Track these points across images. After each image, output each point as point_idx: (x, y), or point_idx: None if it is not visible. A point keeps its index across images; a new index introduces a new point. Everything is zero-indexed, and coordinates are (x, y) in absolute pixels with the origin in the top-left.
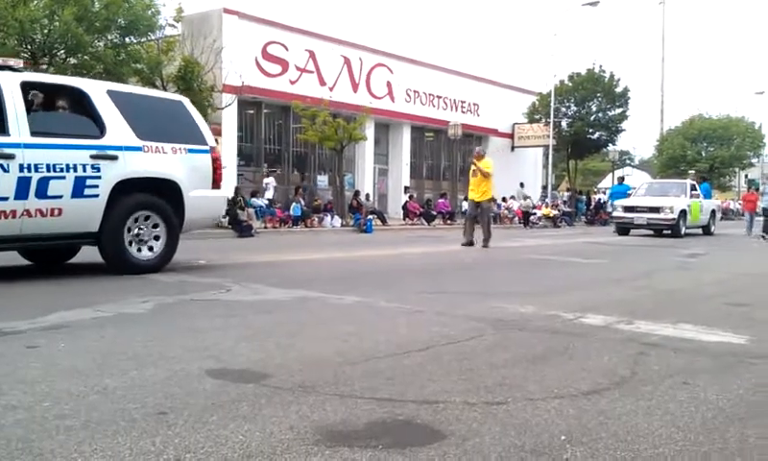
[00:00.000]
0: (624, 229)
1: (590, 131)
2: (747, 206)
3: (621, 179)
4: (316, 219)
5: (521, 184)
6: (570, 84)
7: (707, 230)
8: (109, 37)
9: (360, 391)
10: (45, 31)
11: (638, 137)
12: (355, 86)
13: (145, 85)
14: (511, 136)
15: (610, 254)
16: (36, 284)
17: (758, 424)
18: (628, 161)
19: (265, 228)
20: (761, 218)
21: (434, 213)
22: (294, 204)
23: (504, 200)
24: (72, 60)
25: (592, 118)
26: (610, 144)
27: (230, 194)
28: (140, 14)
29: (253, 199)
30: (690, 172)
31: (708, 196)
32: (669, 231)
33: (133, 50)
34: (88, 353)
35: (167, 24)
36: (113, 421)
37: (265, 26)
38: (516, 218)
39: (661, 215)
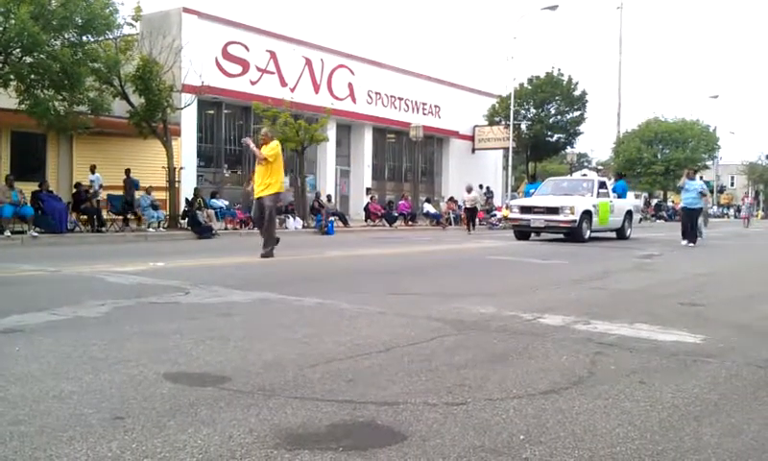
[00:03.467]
0: (522, 232)
1: (549, 133)
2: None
3: (533, 177)
4: (277, 221)
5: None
6: (530, 88)
7: (621, 234)
8: (66, 36)
9: (321, 393)
10: (0, 29)
11: (596, 140)
12: (317, 88)
13: (102, 85)
14: (471, 138)
15: (568, 255)
16: None
17: (713, 422)
18: (586, 164)
19: (225, 229)
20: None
21: (395, 215)
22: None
23: (452, 200)
24: (28, 60)
25: (551, 121)
26: (568, 147)
27: (190, 195)
28: (98, 13)
29: (213, 200)
30: (597, 168)
31: (623, 195)
32: (570, 235)
33: (91, 49)
34: (44, 358)
35: (125, 23)
36: (69, 426)
37: (225, 26)
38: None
39: (561, 217)
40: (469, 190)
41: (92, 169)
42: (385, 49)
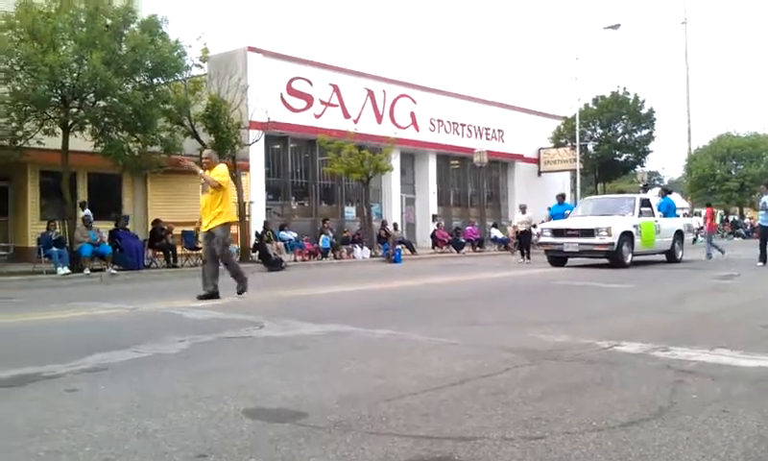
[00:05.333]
0: (557, 258)
1: (617, 153)
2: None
3: (562, 197)
4: (345, 250)
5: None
6: (595, 108)
7: (671, 257)
8: (138, 80)
9: (396, 428)
10: (74, 75)
11: (667, 158)
12: (379, 118)
13: (173, 125)
14: (537, 161)
15: (636, 278)
16: (71, 325)
17: None
18: (657, 182)
19: (294, 261)
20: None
21: (463, 241)
22: (323, 236)
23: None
24: (102, 103)
25: (619, 140)
26: (638, 166)
27: (260, 228)
28: (167, 56)
29: (282, 232)
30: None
31: (671, 214)
32: (608, 260)
33: (162, 91)
34: (127, 396)
35: (193, 64)
36: None
37: (289, 62)
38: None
39: (596, 239)
40: (524, 210)
41: (82, 206)
42: (446, 76)
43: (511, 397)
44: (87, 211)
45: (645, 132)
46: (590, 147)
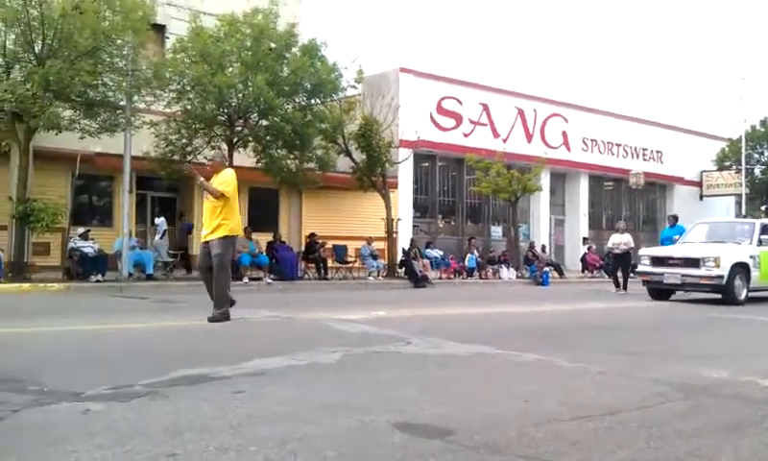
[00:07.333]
0: (658, 290)
1: None
2: None
3: (674, 218)
4: (490, 270)
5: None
6: (763, 130)
7: None
8: (297, 100)
9: (545, 454)
10: (240, 95)
11: None
12: (529, 137)
13: (328, 143)
14: (699, 185)
15: None
16: (233, 330)
17: None
18: None
19: (440, 278)
20: None
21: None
22: (468, 255)
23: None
24: (264, 122)
25: None
26: None
27: (407, 245)
28: (325, 78)
29: (428, 250)
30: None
31: None
32: (719, 295)
33: (319, 111)
34: (287, 401)
35: (349, 85)
36: None
37: (439, 82)
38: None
39: (702, 271)
40: (623, 231)
41: (159, 214)
42: (600, 95)
43: (664, 431)
44: (162, 219)
45: None
46: (757, 171)
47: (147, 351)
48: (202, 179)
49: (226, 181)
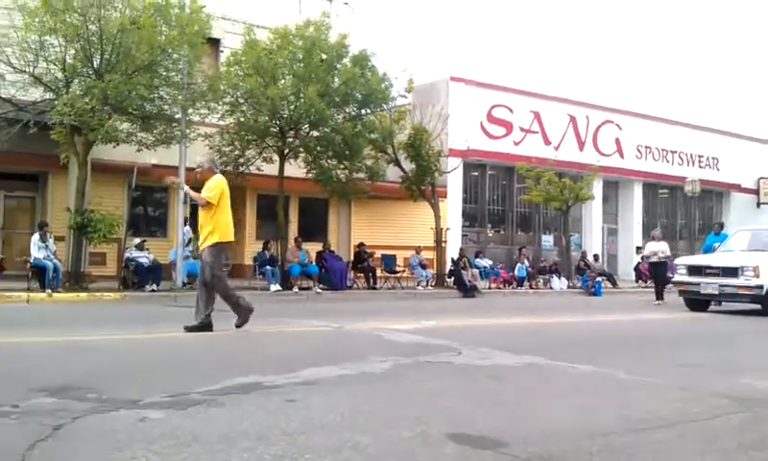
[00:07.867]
0: (695, 300)
1: None
2: None
3: (720, 226)
4: (541, 280)
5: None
6: None
7: None
8: (347, 111)
9: None
10: (292, 107)
11: None
12: (581, 145)
13: (378, 153)
14: (756, 192)
15: None
16: (283, 339)
17: None
18: None
19: (489, 288)
20: None
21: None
22: (519, 264)
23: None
24: (315, 133)
25: None
26: None
27: (456, 255)
28: (375, 88)
29: (477, 259)
30: None
31: None
32: (759, 307)
33: (368, 121)
34: (338, 410)
35: (399, 95)
36: None
37: (490, 90)
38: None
39: (740, 280)
40: (659, 239)
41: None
42: (655, 101)
43: (722, 444)
44: (187, 228)
45: None
46: None
47: (200, 358)
48: (186, 187)
49: (209, 187)
